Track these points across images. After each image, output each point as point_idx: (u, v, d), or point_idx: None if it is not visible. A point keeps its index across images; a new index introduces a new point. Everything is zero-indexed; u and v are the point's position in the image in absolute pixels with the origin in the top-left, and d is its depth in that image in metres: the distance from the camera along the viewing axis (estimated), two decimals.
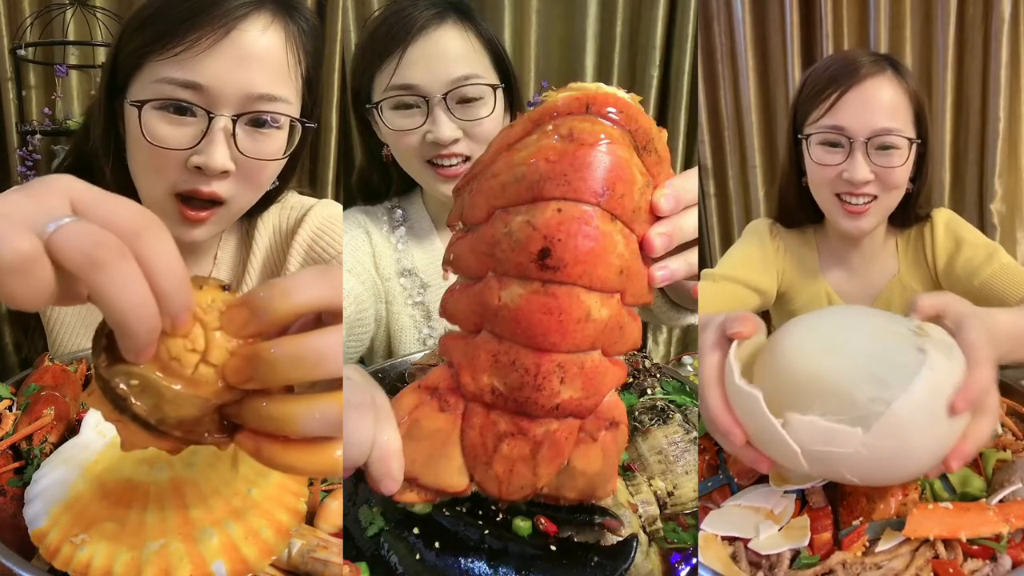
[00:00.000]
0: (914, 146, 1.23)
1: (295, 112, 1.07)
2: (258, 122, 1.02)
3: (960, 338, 0.71)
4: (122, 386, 0.48)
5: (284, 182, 1.17)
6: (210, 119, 0.98)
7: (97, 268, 0.44)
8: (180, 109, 0.98)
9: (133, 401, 0.48)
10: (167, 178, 1.01)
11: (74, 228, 0.45)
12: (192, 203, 1.03)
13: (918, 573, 0.69)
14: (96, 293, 0.45)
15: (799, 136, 1.29)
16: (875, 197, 1.24)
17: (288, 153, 1.07)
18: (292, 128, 1.07)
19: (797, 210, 1.36)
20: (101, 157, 1.09)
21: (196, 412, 0.50)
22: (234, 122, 0.99)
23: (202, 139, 0.98)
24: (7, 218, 0.45)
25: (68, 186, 0.48)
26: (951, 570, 0.69)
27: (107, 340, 0.49)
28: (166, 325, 0.47)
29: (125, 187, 1.08)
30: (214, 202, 1.04)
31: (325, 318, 0.51)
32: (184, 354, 0.49)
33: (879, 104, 1.21)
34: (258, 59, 1.00)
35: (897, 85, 1.22)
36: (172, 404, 0.49)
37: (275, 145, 1.05)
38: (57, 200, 0.47)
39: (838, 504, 0.79)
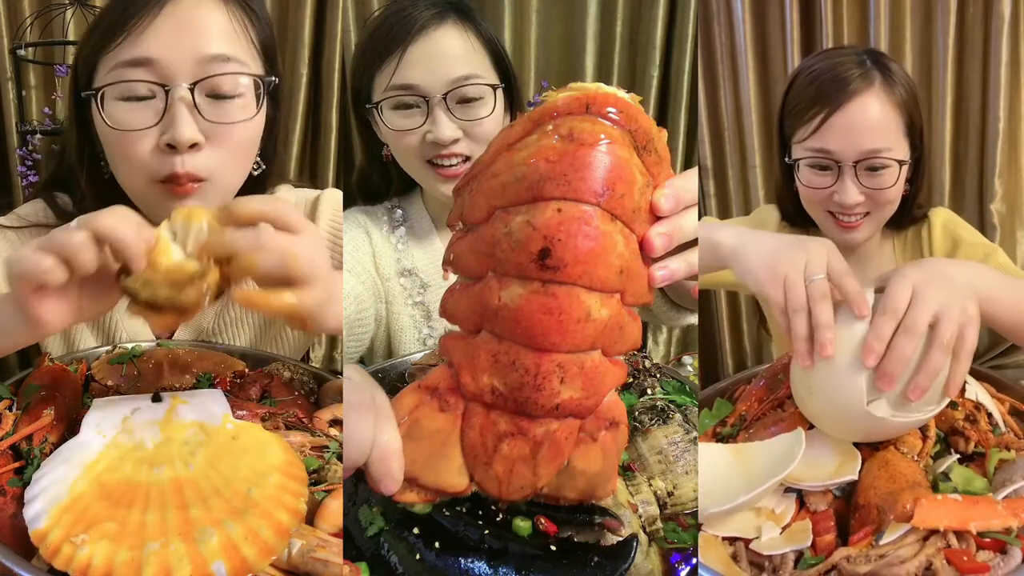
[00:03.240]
0: (905, 164, 1.20)
1: (256, 70, 1.06)
2: (218, 92, 1.02)
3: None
4: (132, 285, 0.75)
5: (269, 164, 1.16)
6: (167, 93, 0.99)
7: (92, 223, 0.73)
8: (139, 96, 1.00)
9: (138, 292, 0.75)
10: (142, 165, 1.02)
11: (80, 218, 0.74)
12: (176, 183, 1.03)
13: (931, 560, 0.69)
14: (95, 231, 0.73)
15: (786, 160, 1.27)
16: (868, 212, 1.22)
17: (257, 114, 1.06)
18: (257, 93, 1.06)
19: (795, 215, 1.35)
20: (76, 170, 1.10)
21: (171, 292, 0.75)
22: (192, 91, 0.99)
23: (164, 114, 0.99)
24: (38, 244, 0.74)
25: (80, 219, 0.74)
26: (965, 559, 0.69)
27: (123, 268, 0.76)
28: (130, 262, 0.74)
29: (99, 197, 1.09)
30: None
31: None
32: (161, 260, 0.75)
33: (866, 125, 1.17)
34: (198, 24, 1.01)
35: (886, 99, 1.18)
36: (159, 286, 0.75)
37: (240, 107, 1.04)
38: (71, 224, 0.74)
39: (850, 517, 0.79)
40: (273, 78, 1.09)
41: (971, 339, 0.81)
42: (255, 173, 1.13)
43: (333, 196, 1.26)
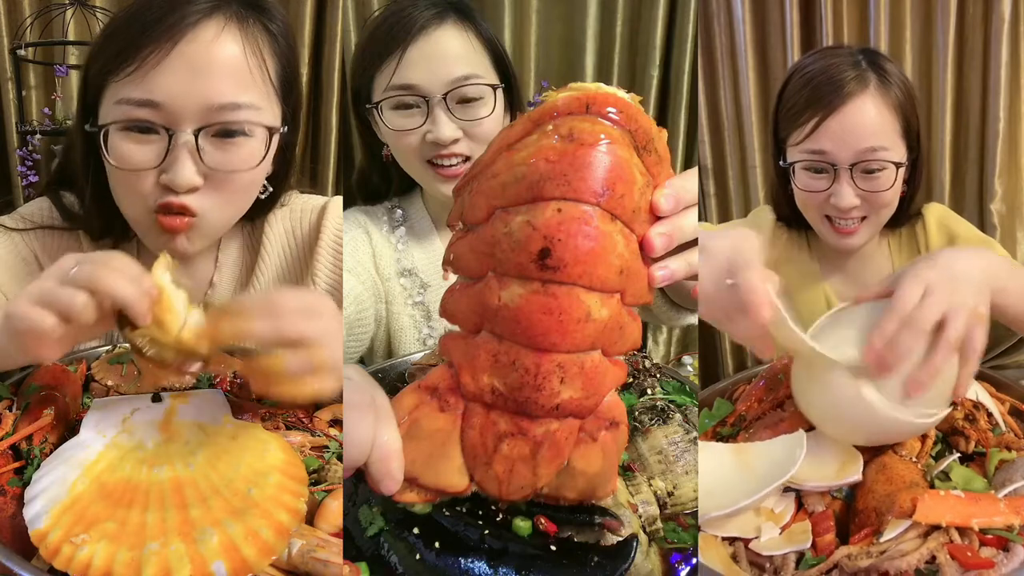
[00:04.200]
0: (902, 167, 1.20)
1: (269, 117, 1.02)
2: (226, 132, 0.98)
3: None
4: (138, 341, 0.75)
5: (279, 188, 1.15)
6: (170, 136, 0.96)
7: (94, 284, 0.72)
8: (143, 129, 0.97)
9: (146, 348, 0.75)
10: (143, 197, 1.00)
11: (79, 270, 0.73)
12: (168, 213, 1.02)
13: (935, 554, 0.69)
14: (97, 291, 0.72)
15: (781, 163, 1.26)
16: (864, 217, 1.22)
17: (262, 162, 1.03)
18: (268, 136, 1.03)
19: (791, 217, 1.35)
20: (80, 184, 1.08)
21: (176, 357, 0.76)
22: (197, 136, 0.96)
23: (166, 156, 0.97)
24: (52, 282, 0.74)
25: (71, 256, 0.75)
26: (969, 554, 0.69)
27: (127, 318, 0.74)
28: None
29: (102, 211, 1.09)
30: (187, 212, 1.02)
31: None
32: (167, 318, 0.75)
33: (862, 127, 1.16)
34: (212, 68, 0.96)
35: (881, 101, 1.17)
36: (166, 349, 0.75)
37: (246, 154, 1.01)
38: (69, 263, 0.75)
39: (850, 522, 0.79)
40: (283, 128, 1.05)
41: (980, 341, 0.79)
42: (261, 197, 1.11)
43: (340, 205, 1.25)
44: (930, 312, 0.77)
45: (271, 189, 1.13)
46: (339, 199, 1.27)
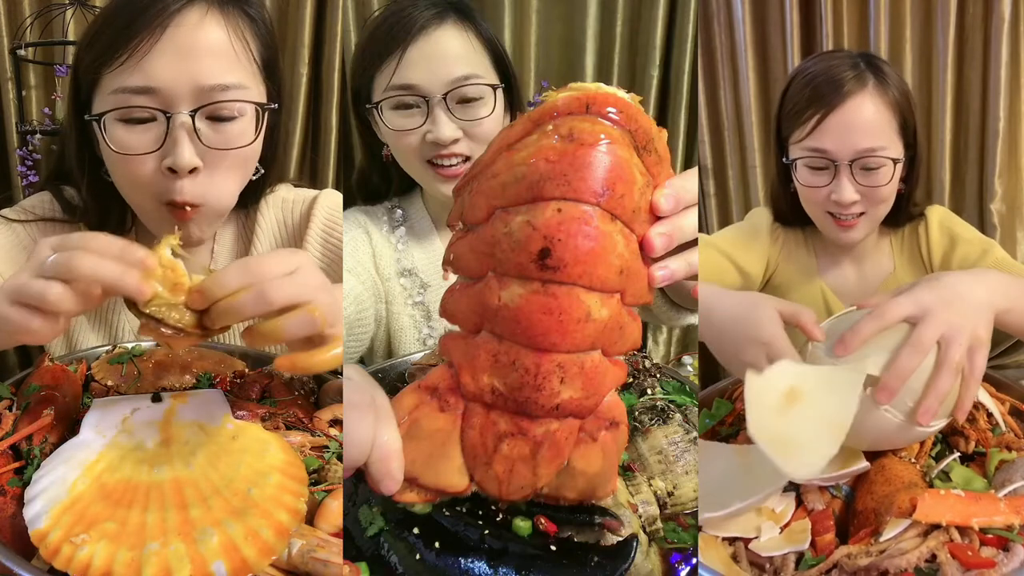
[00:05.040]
0: (899, 163, 1.23)
1: (256, 96, 1.07)
2: (218, 117, 1.03)
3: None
4: (152, 310, 0.71)
5: (268, 170, 1.17)
6: (168, 119, 1.00)
7: (71, 272, 0.68)
8: (140, 118, 1.01)
9: (165, 317, 0.71)
10: (145, 185, 1.04)
11: (54, 259, 0.69)
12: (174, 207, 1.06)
13: (935, 553, 0.69)
14: (75, 278, 0.68)
15: (784, 160, 1.29)
16: (863, 212, 1.25)
17: (255, 139, 1.07)
18: (257, 116, 1.07)
19: (789, 214, 1.37)
20: (76, 176, 1.12)
21: (193, 319, 0.72)
22: (193, 117, 1.00)
23: (165, 140, 1.00)
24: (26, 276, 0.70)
25: (47, 242, 0.72)
26: (969, 553, 0.69)
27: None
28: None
29: (99, 201, 1.12)
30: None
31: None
32: (184, 281, 0.72)
33: (861, 125, 1.19)
34: (200, 51, 1.01)
35: (879, 99, 1.20)
36: (183, 312, 0.72)
37: (239, 132, 1.05)
38: (44, 251, 0.71)
39: (849, 523, 0.79)
40: (273, 105, 1.10)
41: (980, 364, 0.82)
42: (253, 178, 1.14)
43: (330, 196, 1.27)
44: (929, 331, 0.80)
45: (262, 170, 1.15)
46: (331, 191, 1.29)
